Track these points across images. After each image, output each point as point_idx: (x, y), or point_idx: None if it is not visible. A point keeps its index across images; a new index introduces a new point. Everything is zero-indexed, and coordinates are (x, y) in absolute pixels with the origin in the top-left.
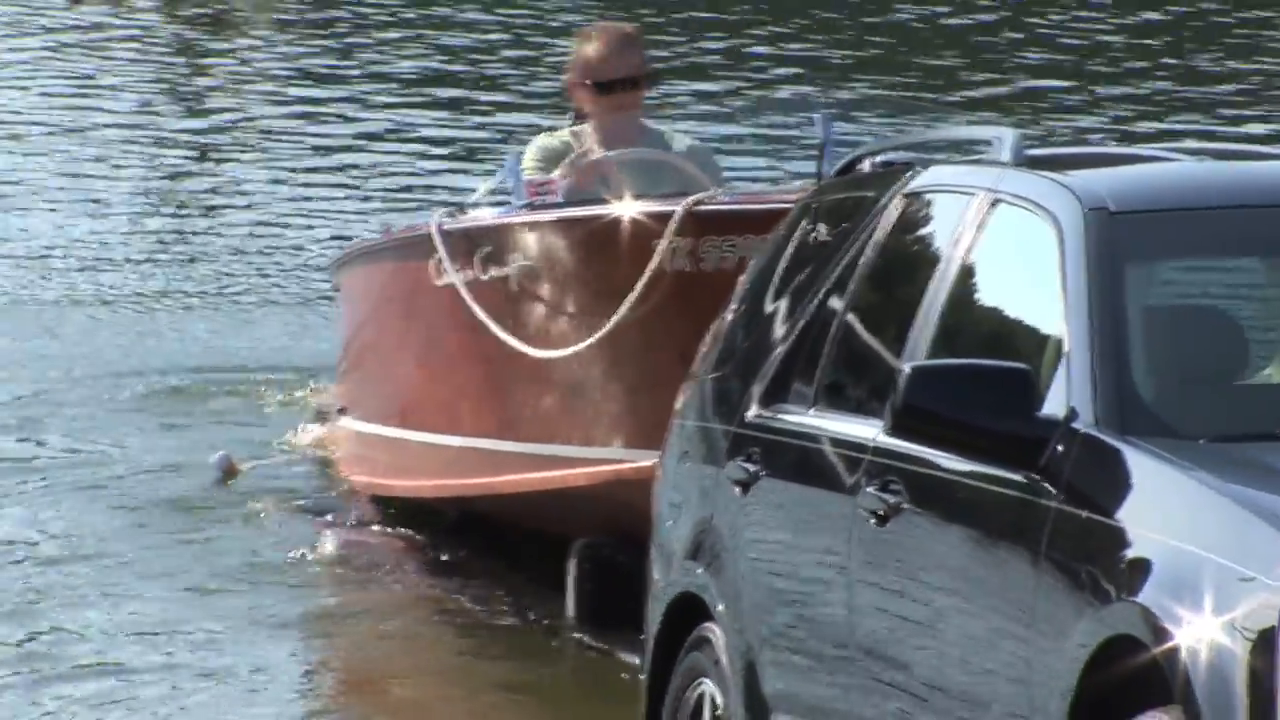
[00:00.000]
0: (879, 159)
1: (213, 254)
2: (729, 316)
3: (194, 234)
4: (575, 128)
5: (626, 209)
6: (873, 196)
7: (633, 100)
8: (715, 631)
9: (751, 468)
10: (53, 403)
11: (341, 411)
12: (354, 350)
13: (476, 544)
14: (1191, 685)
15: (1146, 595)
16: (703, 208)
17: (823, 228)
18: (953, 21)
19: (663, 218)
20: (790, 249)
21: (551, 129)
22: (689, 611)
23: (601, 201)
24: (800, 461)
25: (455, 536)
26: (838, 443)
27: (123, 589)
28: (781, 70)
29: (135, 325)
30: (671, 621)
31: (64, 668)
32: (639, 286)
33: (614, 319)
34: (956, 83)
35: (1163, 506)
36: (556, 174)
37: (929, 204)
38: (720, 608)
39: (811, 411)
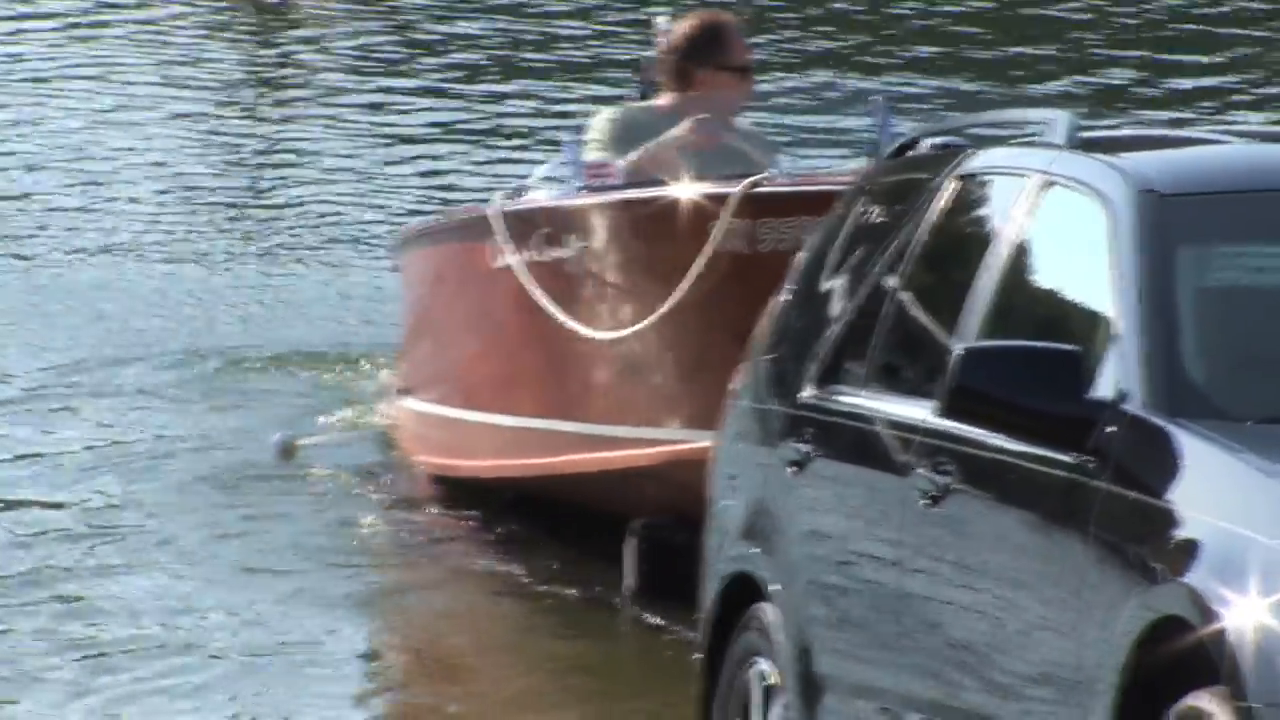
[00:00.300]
0: (934, 141)
1: (276, 230)
2: (784, 297)
3: (258, 209)
4: (645, 104)
5: (684, 191)
6: (926, 178)
7: (750, 87)
8: (769, 611)
9: (805, 448)
10: (107, 377)
11: (402, 392)
12: (414, 331)
13: (533, 520)
14: (1238, 666)
15: (1194, 576)
16: (760, 189)
17: (877, 209)
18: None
19: (720, 199)
20: (845, 230)
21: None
22: (743, 591)
23: (660, 184)
24: (853, 442)
25: (512, 513)
26: (890, 424)
27: (174, 567)
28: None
29: (195, 300)
30: (726, 601)
31: (118, 647)
32: (696, 268)
33: (671, 300)
34: (1029, 75)
35: (1211, 488)
36: (634, 155)
37: (982, 186)
38: (774, 587)
39: (865, 392)
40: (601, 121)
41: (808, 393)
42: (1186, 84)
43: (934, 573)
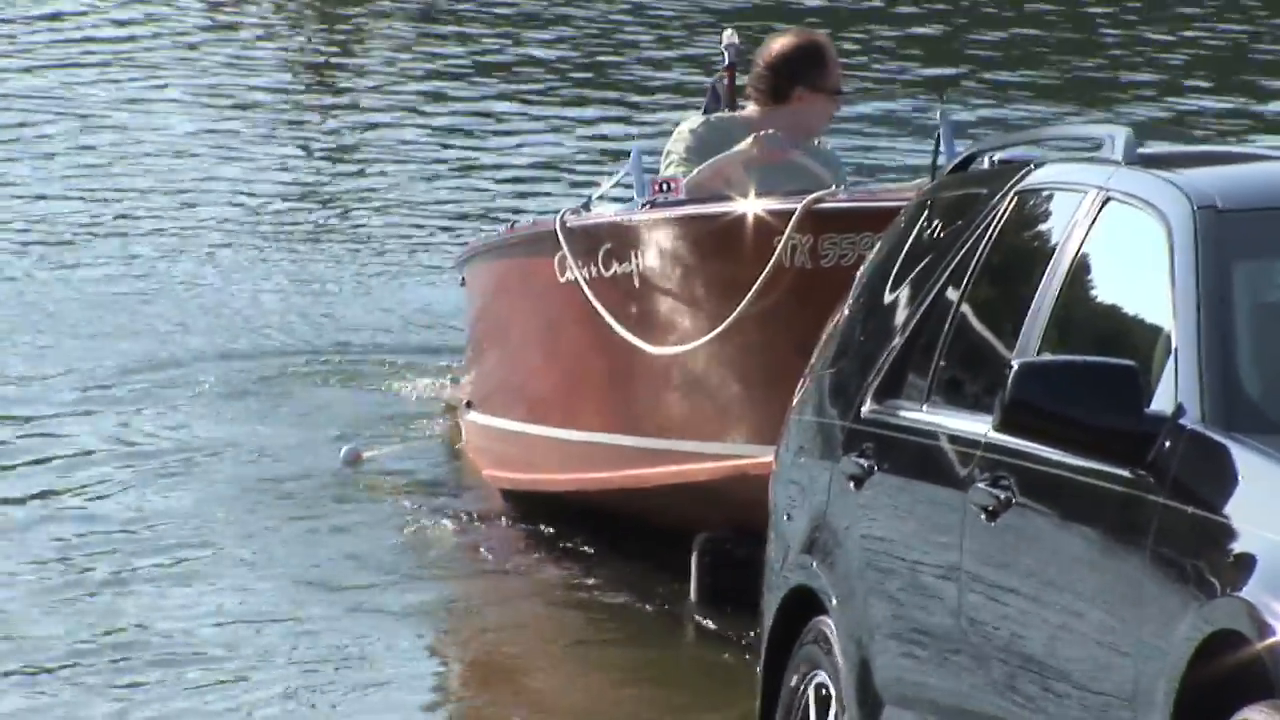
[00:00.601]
0: (995, 156)
1: (347, 236)
2: (845, 311)
3: (328, 219)
4: (728, 115)
5: (747, 206)
6: (987, 193)
7: (837, 109)
8: (829, 624)
9: (865, 463)
10: (174, 379)
11: (469, 406)
12: (479, 344)
13: (598, 533)
14: None
15: (1251, 591)
16: (823, 205)
17: (938, 224)
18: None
19: (784, 215)
20: (906, 245)
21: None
22: (804, 604)
23: (724, 199)
24: (913, 457)
25: (577, 526)
26: (949, 438)
27: (235, 578)
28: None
29: (263, 305)
30: (786, 614)
31: (175, 657)
32: (758, 283)
33: (733, 315)
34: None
35: (1268, 502)
36: (698, 171)
37: (1042, 201)
38: (834, 601)
39: (925, 407)
40: (684, 133)
41: (868, 407)
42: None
43: (992, 587)
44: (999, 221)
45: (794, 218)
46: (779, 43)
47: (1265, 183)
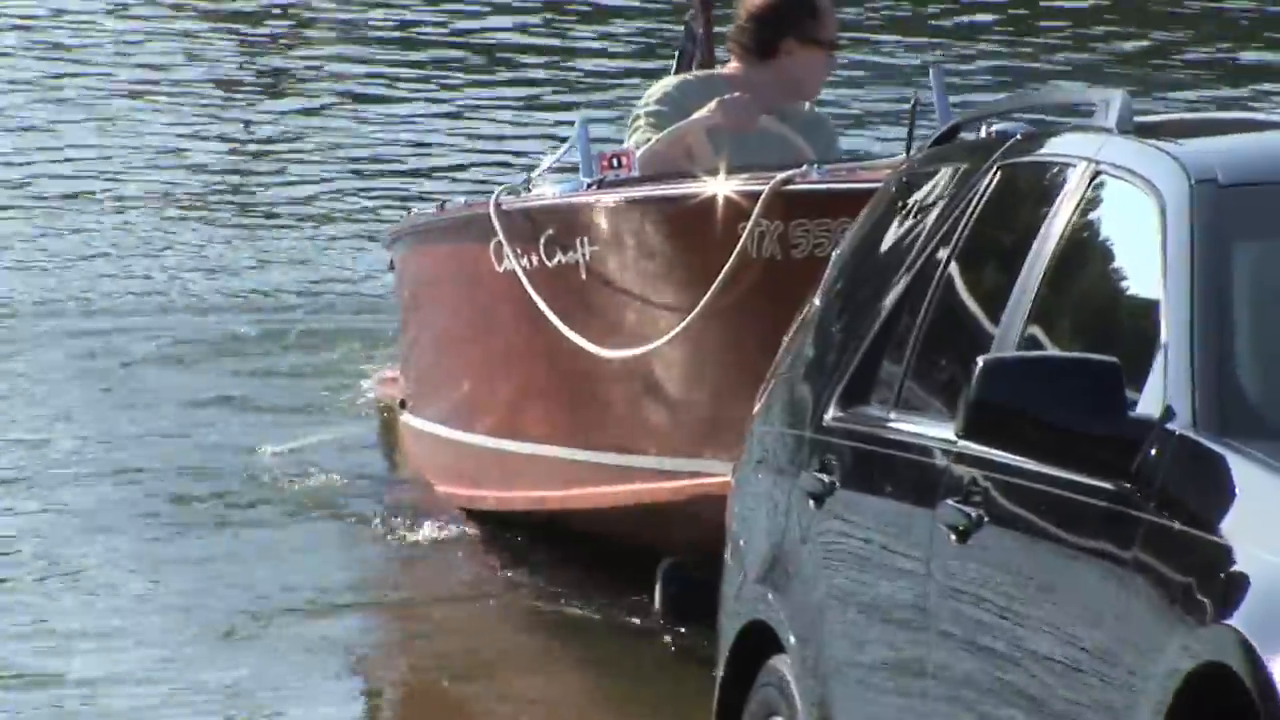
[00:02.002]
0: (990, 125)
1: (272, 215)
2: (813, 304)
3: (263, 194)
4: (707, 73)
5: (707, 187)
6: (968, 169)
7: (833, 66)
8: (786, 665)
9: (826, 478)
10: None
11: (403, 406)
12: (412, 338)
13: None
14: None
15: (1240, 620)
16: (793, 187)
17: (915, 204)
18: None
19: (750, 198)
20: (880, 228)
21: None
22: (761, 640)
23: (682, 176)
24: (877, 471)
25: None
26: (915, 449)
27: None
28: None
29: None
30: (742, 651)
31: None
32: (721, 277)
33: (692, 314)
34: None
35: (1264, 518)
36: (653, 141)
37: (1027, 176)
38: (792, 639)
39: (893, 413)
40: (654, 93)
41: (831, 414)
42: None
43: (964, 619)
44: (980, 201)
45: (760, 201)
46: None
47: (1274, 153)
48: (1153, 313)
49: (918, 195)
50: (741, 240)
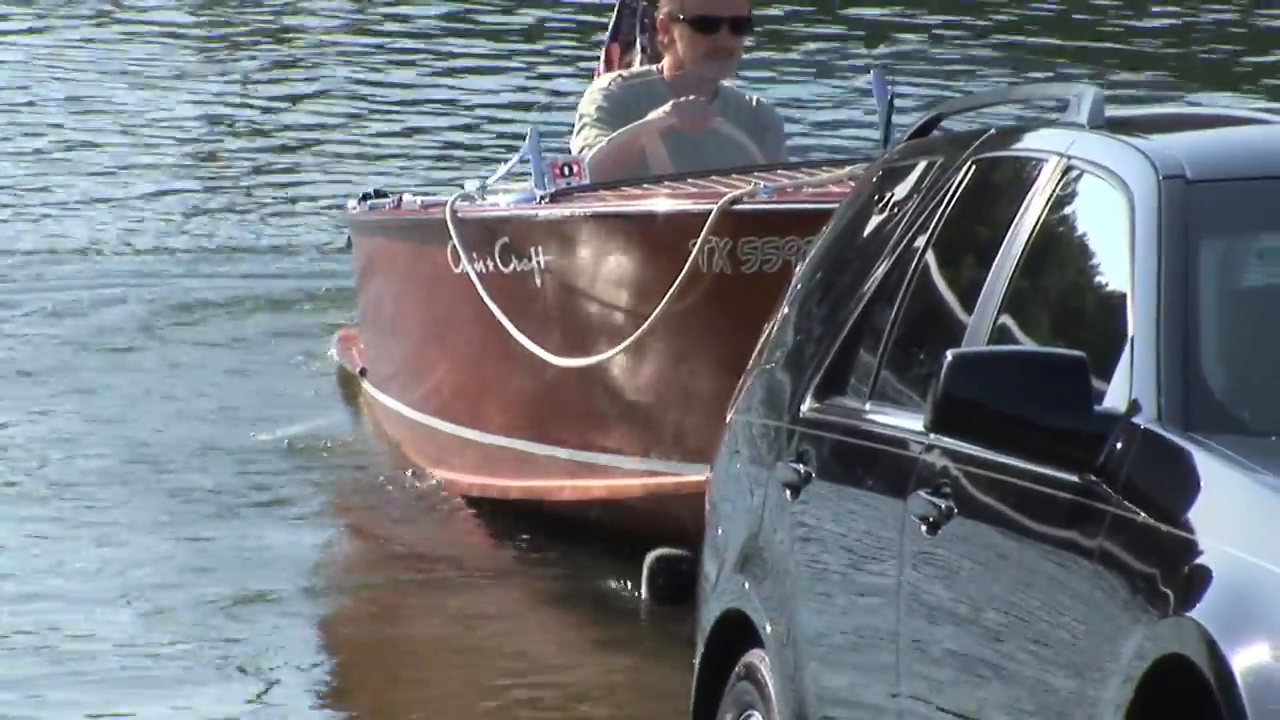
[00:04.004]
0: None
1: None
2: (791, 297)
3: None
4: (643, 70)
5: (658, 205)
6: (942, 163)
7: (734, 46)
8: (763, 659)
9: (802, 469)
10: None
11: (363, 374)
12: (371, 315)
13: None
14: (1245, 716)
15: (1202, 612)
16: (741, 207)
17: (890, 198)
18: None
19: (699, 216)
20: (857, 222)
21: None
22: (738, 630)
23: (634, 184)
24: (852, 462)
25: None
26: (889, 440)
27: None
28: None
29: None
30: (719, 642)
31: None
32: (672, 289)
33: (645, 324)
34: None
35: (1226, 512)
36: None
37: (1000, 171)
38: (768, 629)
39: (868, 405)
40: (595, 94)
41: (808, 405)
42: None
43: (935, 610)
44: (953, 195)
45: (709, 220)
46: None
47: (1242, 150)
48: (1121, 307)
49: (895, 188)
50: (692, 256)
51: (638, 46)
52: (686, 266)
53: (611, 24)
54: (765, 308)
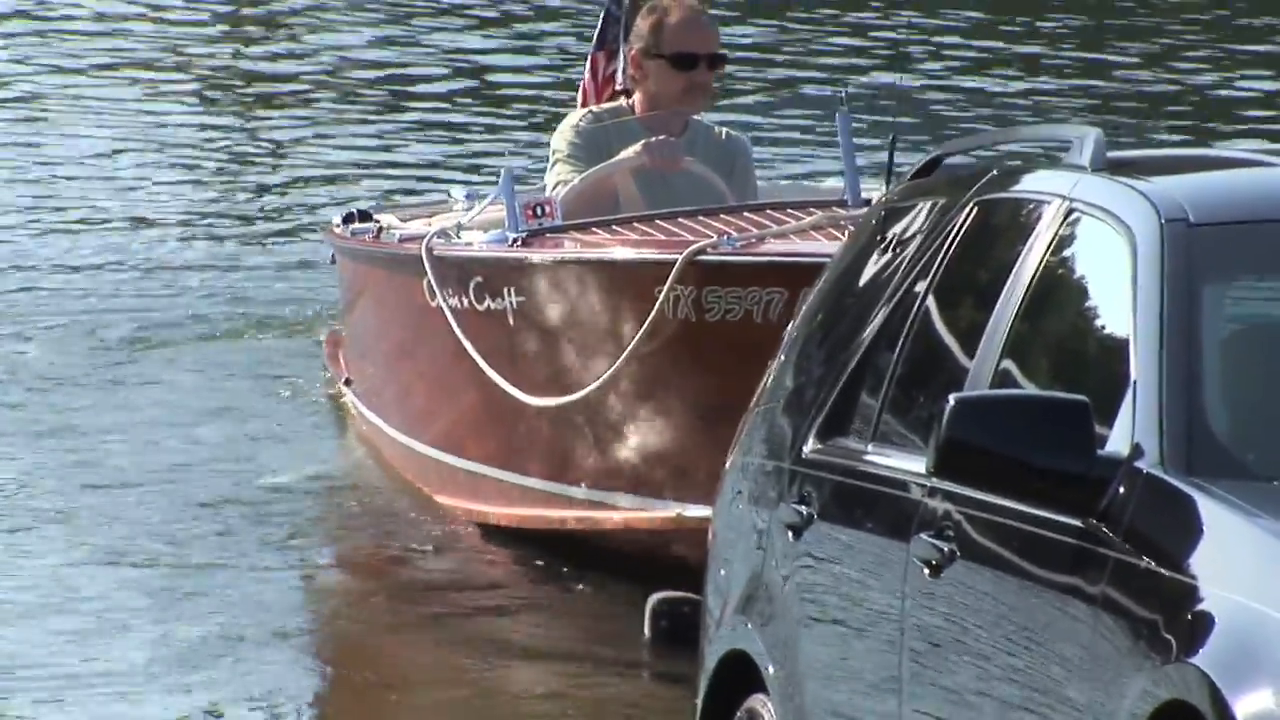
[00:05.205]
0: (963, 160)
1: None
2: (793, 336)
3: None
4: (613, 107)
5: (626, 254)
6: (944, 204)
7: (708, 82)
8: (765, 704)
9: (804, 510)
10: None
11: (348, 384)
12: (354, 330)
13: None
14: None
15: (1205, 658)
16: (705, 258)
17: (892, 238)
18: None
19: (665, 265)
20: (857, 264)
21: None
22: (740, 671)
23: (605, 225)
24: (854, 504)
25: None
26: (891, 482)
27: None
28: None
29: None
30: (721, 684)
31: None
32: (640, 335)
33: (613, 367)
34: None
35: (1229, 558)
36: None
37: (1002, 213)
38: (771, 671)
39: (870, 446)
40: (566, 131)
41: (810, 446)
42: None
43: (938, 653)
44: (955, 237)
45: (674, 269)
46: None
47: (1244, 192)
48: (1124, 351)
49: (896, 228)
50: (658, 303)
51: (621, 54)
52: (653, 313)
53: (596, 33)
54: (728, 355)
